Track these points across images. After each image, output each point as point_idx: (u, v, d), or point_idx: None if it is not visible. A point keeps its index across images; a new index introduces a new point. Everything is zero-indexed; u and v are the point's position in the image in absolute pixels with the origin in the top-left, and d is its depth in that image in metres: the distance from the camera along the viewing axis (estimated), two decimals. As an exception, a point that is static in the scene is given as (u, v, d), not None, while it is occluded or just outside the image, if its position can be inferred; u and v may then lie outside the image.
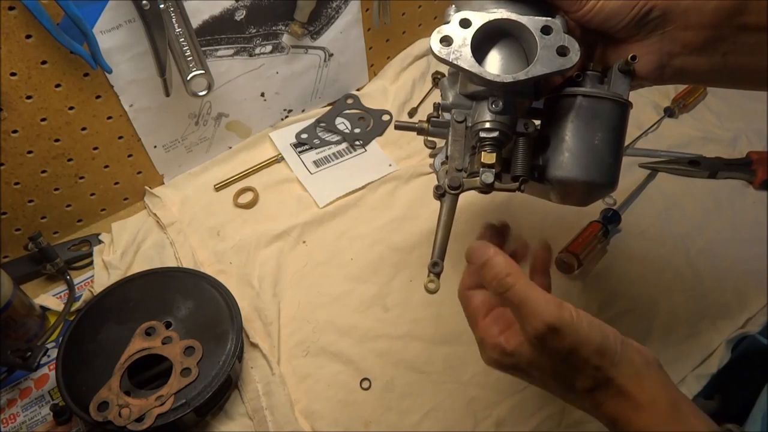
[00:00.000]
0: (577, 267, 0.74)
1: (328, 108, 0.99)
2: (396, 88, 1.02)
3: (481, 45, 0.47)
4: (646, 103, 0.98)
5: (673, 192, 0.86)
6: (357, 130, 0.96)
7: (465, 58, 0.46)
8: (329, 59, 0.95)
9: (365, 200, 0.87)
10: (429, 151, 0.61)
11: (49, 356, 0.69)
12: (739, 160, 0.87)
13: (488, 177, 0.46)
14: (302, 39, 0.89)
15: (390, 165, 0.91)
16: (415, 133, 0.56)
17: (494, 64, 0.48)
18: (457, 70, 0.48)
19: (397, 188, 0.88)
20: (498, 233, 0.52)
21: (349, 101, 1.00)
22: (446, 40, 0.46)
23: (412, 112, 0.99)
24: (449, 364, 0.69)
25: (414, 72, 1.03)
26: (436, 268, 0.46)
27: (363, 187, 0.88)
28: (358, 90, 1.02)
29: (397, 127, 0.58)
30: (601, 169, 0.49)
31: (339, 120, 0.97)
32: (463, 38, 0.46)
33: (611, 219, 0.79)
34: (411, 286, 0.76)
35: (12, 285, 0.67)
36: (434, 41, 0.46)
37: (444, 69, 0.50)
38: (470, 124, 0.49)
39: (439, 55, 0.46)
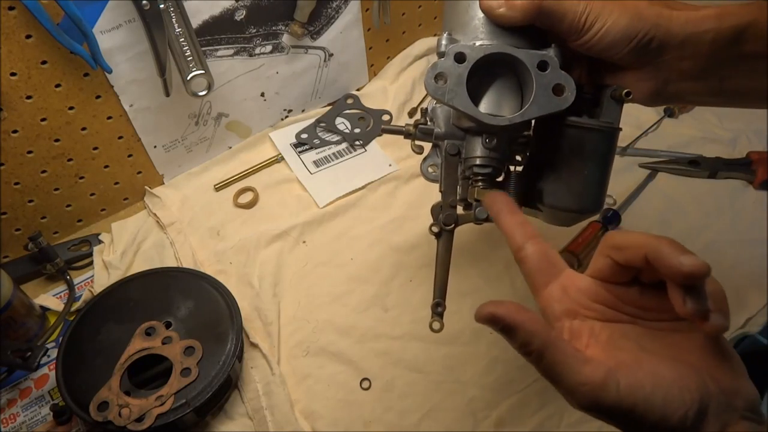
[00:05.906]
0: (577, 267, 0.74)
1: (328, 108, 0.99)
2: (396, 88, 1.01)
3: (476, 76, 0.46)
4: (646, 103, 0.98)
5: (673, 192, 0.86)
6: (357, 130, 0.96)
7: (460, 98, 0.45)
8: (329, 59, 0.95)
9: (365, 200, 0.87)
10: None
11: (49, 356, 0.69)
12: (739, 160, 0.87)
13: (482, 213, 0.48)
14: (302, 39, 0.89)
15: (390, 165, 0.91)
16: (402, 137, 0.56)
17: (489, 99, 0.47)
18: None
19: (397, 188, 0.88)
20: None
21: (349, 101, 1.00)
22: (441, 77, 0.45)
23: (412, 112, 0.99)
24: (449, 364, 0.69)
25: (414, 72, 1.03)
26: (438, 309, 0.47)
27: (363, 187, 0.88)
28: (358, 90, 1.02)
29: (383, 131, 0.58)
30: (591, 197, 0.50)
31: (339, 120, 0.97)
32: (458, 75, 0.44)
33: (611, 219, 0.79)
34: (411, 286, 0.76)
35: (12, 285, 0.67)
36: (429, 78, 0.45)
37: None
38: (463, 156, 0.49)
39: (434, 95, 0.45)
